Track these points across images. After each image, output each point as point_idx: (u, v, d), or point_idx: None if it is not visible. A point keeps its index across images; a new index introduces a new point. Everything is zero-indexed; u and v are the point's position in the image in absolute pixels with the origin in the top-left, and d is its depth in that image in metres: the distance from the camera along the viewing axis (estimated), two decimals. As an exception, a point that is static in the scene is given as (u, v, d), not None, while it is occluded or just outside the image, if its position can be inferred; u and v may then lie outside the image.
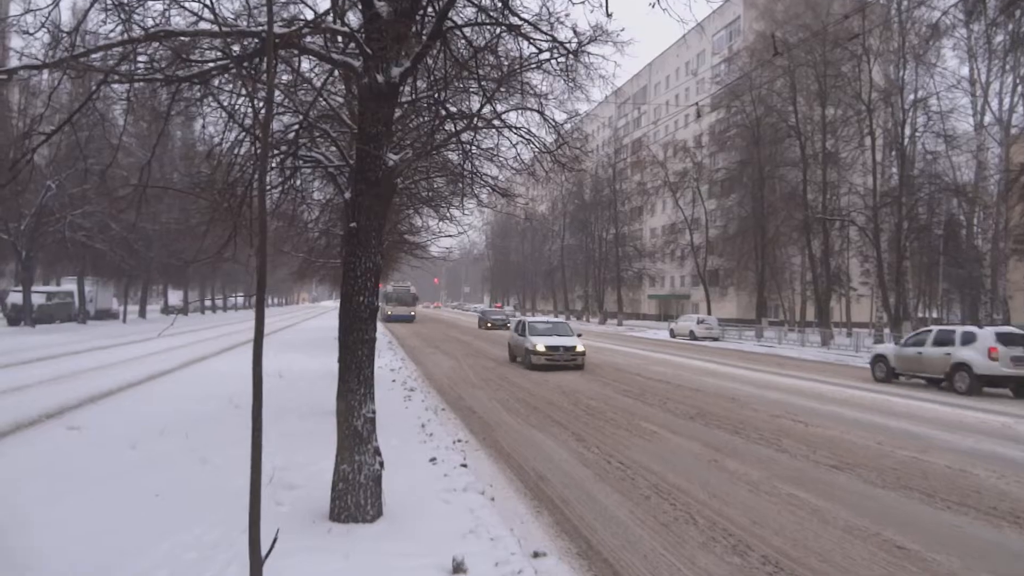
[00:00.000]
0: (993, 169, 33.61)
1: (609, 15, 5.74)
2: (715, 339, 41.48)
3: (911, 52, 33.82)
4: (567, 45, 7.84)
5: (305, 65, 9.24)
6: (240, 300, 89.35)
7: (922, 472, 8.74)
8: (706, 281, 53.84)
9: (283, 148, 9.19)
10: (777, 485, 7.98)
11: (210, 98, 7.43)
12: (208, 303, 75.72)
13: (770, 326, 44.97)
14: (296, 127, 9.08)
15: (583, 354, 21.07)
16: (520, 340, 21.85)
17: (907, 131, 35.11)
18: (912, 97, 34.96)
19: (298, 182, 11.54)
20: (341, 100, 11.27)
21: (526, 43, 7.58)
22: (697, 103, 23.05)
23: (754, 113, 43.17)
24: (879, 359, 20.08)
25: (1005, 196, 31.69)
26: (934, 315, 53.28)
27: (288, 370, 16.61)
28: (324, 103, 8.94)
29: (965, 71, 35.15)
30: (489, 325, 49.77)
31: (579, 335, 22.53)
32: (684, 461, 9.18)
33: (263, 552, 3.24)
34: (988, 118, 32.65)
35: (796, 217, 40.79)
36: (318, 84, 8.80)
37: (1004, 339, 16.62)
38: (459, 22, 6.70)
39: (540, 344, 20.64)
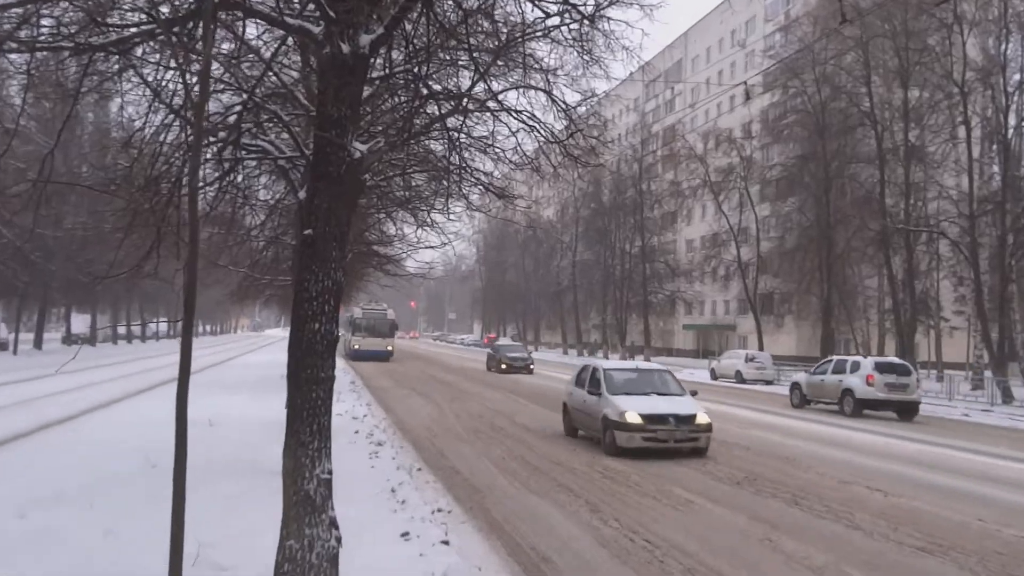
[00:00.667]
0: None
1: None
2: (768, 382, 41.57)
3: (1015, 21, 34.18)
4: (581, 8, 7.94)
5: (251, 31, 9.35)
6: (163, 327, 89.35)
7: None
8: (757, 308, 54.00)
9: (221, 134, 9.26)
10: (848, 572, 7.95)
11: (131, 72, 7.49)
12: (122, 331, 75.71)
13: (839, 366, 44.95)
14: (239, 108, 9.14)
15: (708, 430, 15.21)
16: (590, 402, 16.30)
17: (1011, 120, 35.45)
18: (1017, 77, 35.35)
19: (240, 178, 11.61)
20: (296, 75, 11.41)
21: (530, 6, 7.67)
22: (746, 82, 23.11)
23: (818, 95, 43.54)
24: (795, 386, 28.13)
25: None
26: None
27: (222, 417, 16.54)
28: (274, 79, 9.02)
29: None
30: (504, 367, 43.70)
31: (694, 393, 16.96)
32: (728, 539, 9.14)
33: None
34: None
35: (871, 227, 40.96)
36: (267, 55, 8.88)
37: (881, 367, 24.48)
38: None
39: (631, 411, 14.80)
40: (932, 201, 41.89)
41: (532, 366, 44.93)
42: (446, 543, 8.03)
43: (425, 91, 8.72)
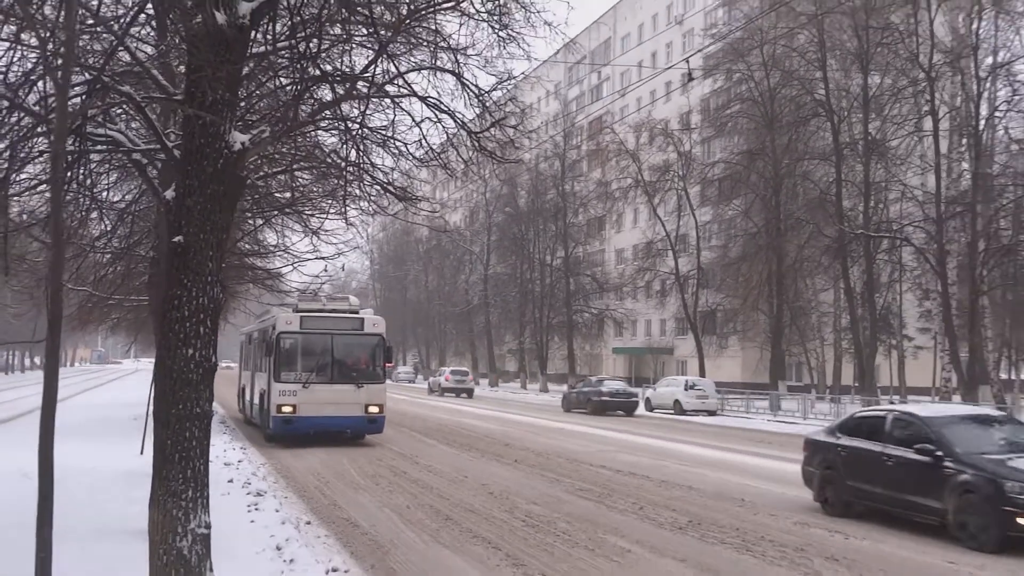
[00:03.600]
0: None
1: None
2: (711, 412, 42.57)
3: (989, -4, 35.75)
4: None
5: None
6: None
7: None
8: (698, 328, 55.26)
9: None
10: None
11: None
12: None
13: (791, 393, 46.32)
14: (81, 89, 8.97)
15: None
16: None
17: (983, 109, 37.00)
18: (991, 61, 36.87)
19: (81, 174, 11.35)
20: (150, 50, 11.23)
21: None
22: (687, 60, 23.69)
23: (766, 82, 44.82)
24: (429, 383, 71.19)
25: None
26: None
27: (62, 467, 16.05)
28: (125, 54, 8.89)
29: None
30: None
31: None
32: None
33: None
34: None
35: (826, 233, 42.34)
36: (116, 26, 8.75)
37: (453, 372, 64.59)
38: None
39: None
40: (894, 203, 43.46)
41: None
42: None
43: (315, 72, 8.75)
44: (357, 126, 10.49)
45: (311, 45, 8.15)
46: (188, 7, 5.69)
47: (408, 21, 9.11)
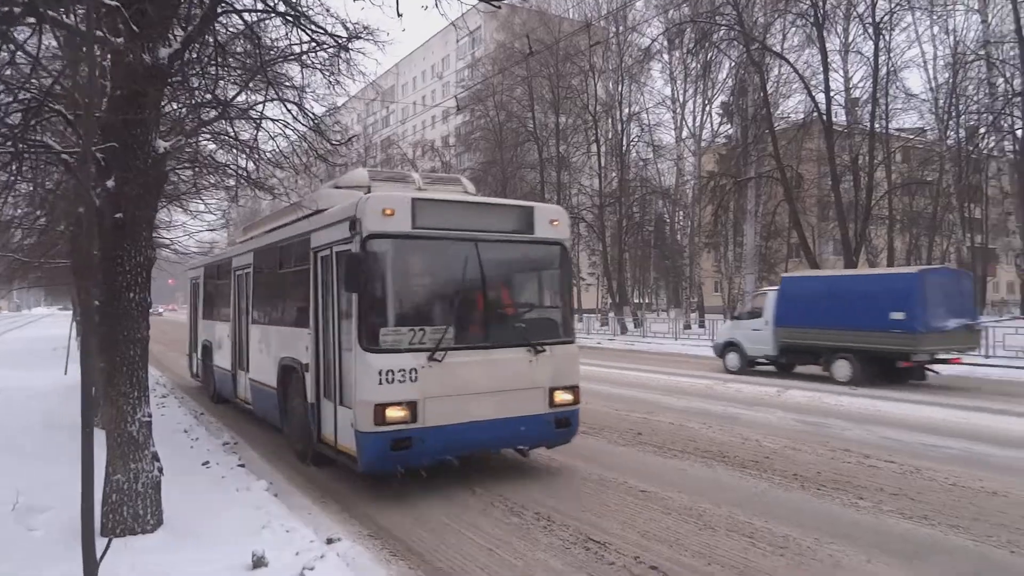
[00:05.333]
0: (689, 176, 39.11)
1: (400, 14, 5.88)
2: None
3: (627, 72, 38.31)
4: (337, 39, 7.82)
5: (21, 37, 8.08)
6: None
7: (652, 430, 10.20)
8: (456, 273, 55.59)
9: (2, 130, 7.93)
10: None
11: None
12: None
13: (517, 314, 47.86)
14: (21, 107, 7.88)
15: None
16: None
17: (624, 141, 39.63)
18: (628, 111, 39.59)
19: (23, 169, 9.93)
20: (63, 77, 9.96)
21: (299, 31, 7.43)
22: (456, 97, 23.72)
23: (497, 118, 45.42)
24: None
25: (698, 199, 37.46)
26: (647, 300, 60.89)
27: (4, 387, 14.22)
28: (56, 82, 7.88)
29: (668, 91, 40.50)
30: None
31: None
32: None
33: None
34: (685, 132, 38.00)
35: (535, 215, 43.76)
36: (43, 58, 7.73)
37: None
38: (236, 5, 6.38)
39: None
40: (575, 196, 45.47)
41: None
42: (242, 466, 7.71)
43: (202, 99, 8.14)
44: (231, 138, 9.86)
45: (202, 81, 7.58)
46: (122, 51, 5.10)
47: (263, 68, 8.66)
